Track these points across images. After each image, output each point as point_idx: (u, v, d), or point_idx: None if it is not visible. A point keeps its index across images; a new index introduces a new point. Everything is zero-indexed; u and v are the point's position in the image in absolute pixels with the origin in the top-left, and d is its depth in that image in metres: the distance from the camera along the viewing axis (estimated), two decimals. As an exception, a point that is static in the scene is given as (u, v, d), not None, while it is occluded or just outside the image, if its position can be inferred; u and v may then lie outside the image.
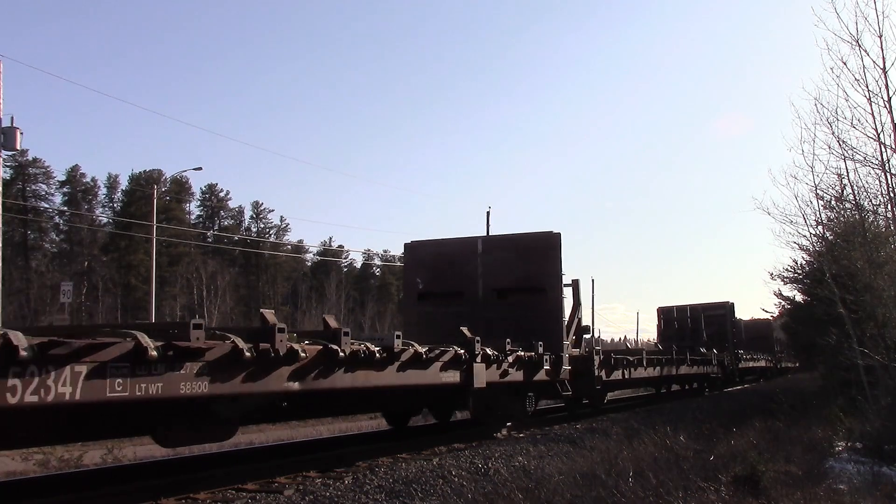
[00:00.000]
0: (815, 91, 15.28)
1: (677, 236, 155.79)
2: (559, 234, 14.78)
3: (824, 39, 15.33)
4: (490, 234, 15.33)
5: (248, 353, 7.07)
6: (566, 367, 14.40)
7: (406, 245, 16.12)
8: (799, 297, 26.42)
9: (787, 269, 22.76)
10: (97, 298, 63.90)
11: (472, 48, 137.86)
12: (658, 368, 22.21)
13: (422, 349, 9.91)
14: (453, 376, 10.83)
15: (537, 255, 14.81)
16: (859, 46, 11.90)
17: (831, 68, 12.35)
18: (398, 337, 9.50)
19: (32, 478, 9.76)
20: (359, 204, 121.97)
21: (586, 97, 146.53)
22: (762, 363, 40.17)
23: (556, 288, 14.66)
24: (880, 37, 11.76)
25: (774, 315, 39.26)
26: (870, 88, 11.96)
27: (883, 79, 11.85)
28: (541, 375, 13.43)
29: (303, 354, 7.83)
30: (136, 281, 67.99)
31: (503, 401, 13.24)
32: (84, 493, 7.98)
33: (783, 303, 30.18)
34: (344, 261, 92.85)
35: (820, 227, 15.53)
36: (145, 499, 7.62)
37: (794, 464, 9.18)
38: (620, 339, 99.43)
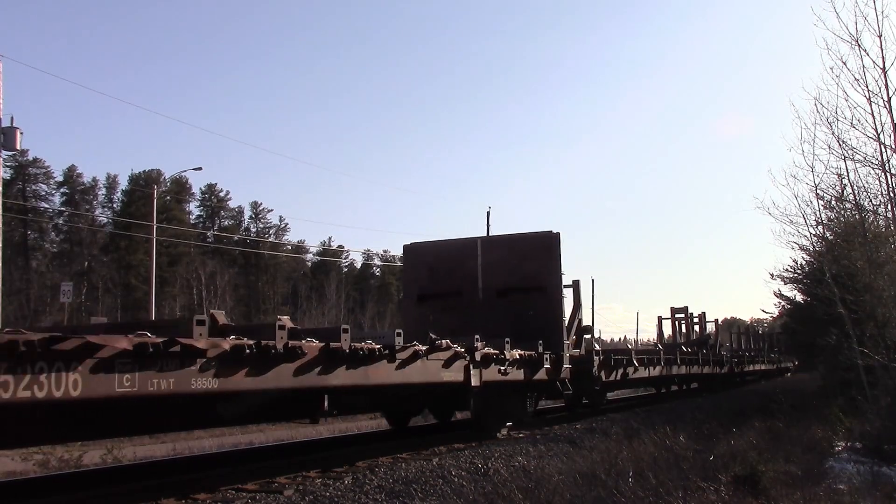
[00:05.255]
0: (815, 91, 15.27)
1: (677, 236, 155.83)
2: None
3: (824, 39, 15.35)
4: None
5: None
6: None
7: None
8: (799, 297, 26.52)
9: (787, 269, 22.87)
10: (97, 298, 63.91)
11: (472, 49, 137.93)
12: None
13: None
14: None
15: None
16: (859, 46, 11.90)
17: (831, 68, 12.35)
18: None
19: (32, 478, 9.76)
20: (359, 204, 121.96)
21: (586, 97, 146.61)
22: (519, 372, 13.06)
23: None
24: (880, 37, 11.76)
25: (774, 315, 39.59)
26: (870, 88, 11.95)
27: (883, 79, 11.84)
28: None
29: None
30: (136, 281, 67.95)
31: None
32: (84, 493, 7.97)
33: (783, 303, 30.28)
34: (344, 261, 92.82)
35: (820, 227, 15.54)
36: (145, 499, 7.62)
37: (794, 464, 9.17)
38: (620, 338, 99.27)
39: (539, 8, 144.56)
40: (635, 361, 19.78)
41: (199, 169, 75.37)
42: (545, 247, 14.88)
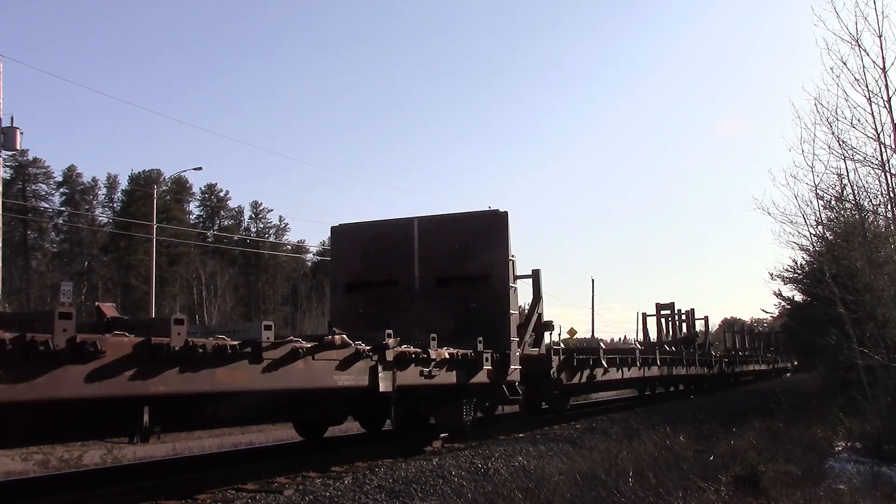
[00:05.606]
0: (815, 91, 15.28)
1: (677, 236, 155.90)
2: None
3: (824, 39, 15.29)
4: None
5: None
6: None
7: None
8: (799, 297, 26.48)
9: (787, 269, 22.81)
10: (97, 298, 63.89)
11: (472, 49, 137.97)
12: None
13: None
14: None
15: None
16: (859, 46, 11.92)
17: (831, 68, 12.37)
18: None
19: (32, 478, 9.76)
20: (359, 204, 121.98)
21: (586, 97, 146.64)
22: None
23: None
24: (880, 37, 11.78)
25: (774, 315, 39.33)
26: (870, 88, 11.97)
27: (883, 79, 11.86)
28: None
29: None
30: (135, 281, 68.03)
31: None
32: (84, 493, 7.97)
33: (783, 303, 30.25)
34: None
35: (820, 227, 15.54)
36: (145, 499, 7.62)
37: (794, 464, 9.18)
38: (620, 338, 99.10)
39: (539, 8, 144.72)
40: (604, 362, 17.82)
41: (199, 169, 75.50)
42: (490, 228, 12.71)
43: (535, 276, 15.52)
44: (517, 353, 12.60)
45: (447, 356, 10.50)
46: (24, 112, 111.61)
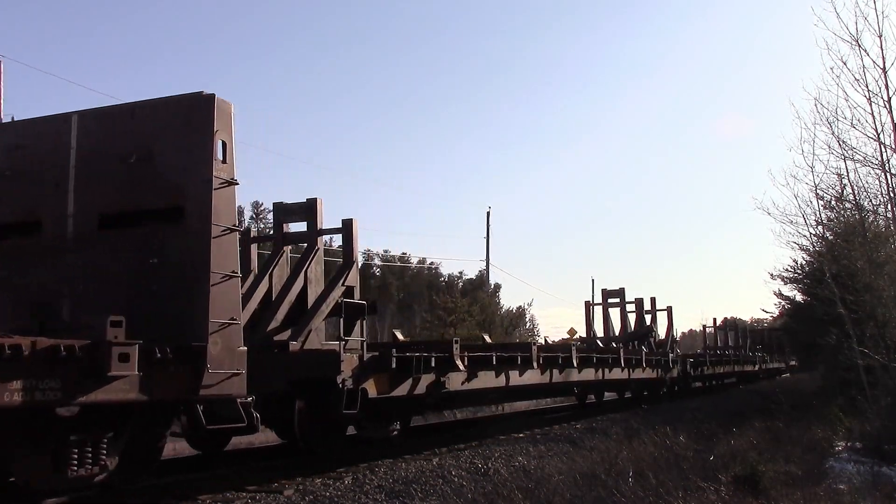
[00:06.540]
0: (815, 91, 15.25)
1: (677, 236, 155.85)
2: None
3: (824, 39, 15.31)
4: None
5: None
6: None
7: None
8: (799, 297, 26.47)
9: (787, 269, 22.81)
10: (97, 298, 63.93)
11: (472, 49, 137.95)
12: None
13: None
14: None
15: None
16: (859, 46, 11.89)
17: (831, 68, 12.34)
18: None
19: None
20: (359, 204, 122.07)
21: (586, 97, 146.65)
22: None
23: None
24: (880, 37, 11.75)
25: (774, 315, 39.07)
26: (870, 88, 11.94)
27: (883, 79, 11.83)
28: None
29: None
30: (136, 281, 67.97)
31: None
32: (84, 493, 7.96)
33: (783, 303, 30.24)
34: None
35: (820, 227, 15.53)
36: (146, 499, 7.61)
37: (794, 464, 9.18)
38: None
39: (539, 8, 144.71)
40: (460, 364, 11.54)
41: (199, 169, 75.24)
42: (185, 126, 7.53)
43: (347, 229, 10.61)
44: (243, 348, 7.26)
45: None
46: (24, 112, 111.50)
